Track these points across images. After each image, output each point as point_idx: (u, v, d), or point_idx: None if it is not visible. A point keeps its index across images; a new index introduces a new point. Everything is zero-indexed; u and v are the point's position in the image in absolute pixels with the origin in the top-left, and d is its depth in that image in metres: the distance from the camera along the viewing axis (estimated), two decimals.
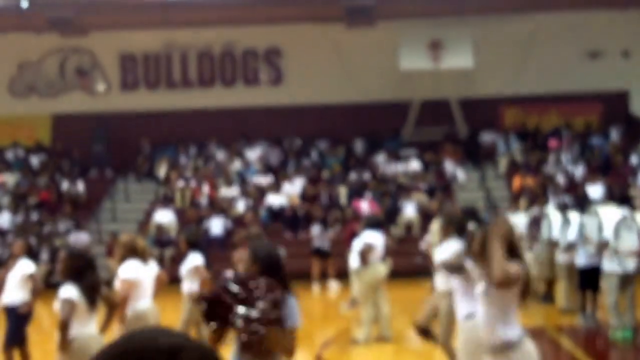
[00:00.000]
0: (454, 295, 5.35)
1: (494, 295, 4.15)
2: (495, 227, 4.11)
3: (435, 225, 12.40)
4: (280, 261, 4.00)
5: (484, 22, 19.95)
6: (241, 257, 4.14)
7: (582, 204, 11.01)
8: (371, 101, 20.70)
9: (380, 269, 9.50)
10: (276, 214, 17.63)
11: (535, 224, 12.23)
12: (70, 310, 5.02)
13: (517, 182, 18.00)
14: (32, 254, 15.03)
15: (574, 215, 10.44)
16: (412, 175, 18.97)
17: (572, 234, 10.09)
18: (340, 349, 9.31)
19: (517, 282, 4.04)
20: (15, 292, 7.54)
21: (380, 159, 19.82)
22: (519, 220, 12.91)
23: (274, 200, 18.18)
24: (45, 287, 12.39)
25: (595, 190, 16.23)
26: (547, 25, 20.43)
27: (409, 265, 15.29)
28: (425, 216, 16.32)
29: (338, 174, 19.46)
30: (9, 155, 21.58)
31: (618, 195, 15.61)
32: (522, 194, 16.77)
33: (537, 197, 15.57)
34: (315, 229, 16.27)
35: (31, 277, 7.68)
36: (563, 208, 11.68)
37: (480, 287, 4.33)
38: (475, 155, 20.06)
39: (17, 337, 7.49)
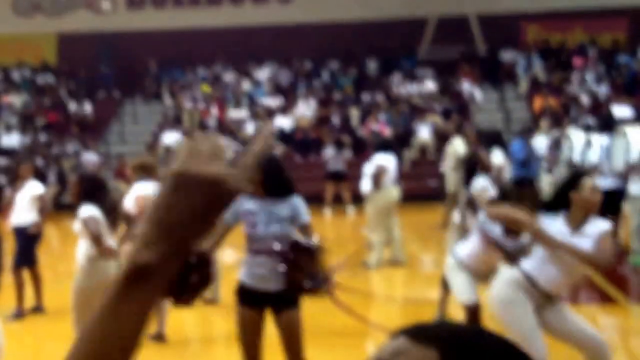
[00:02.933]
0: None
1: None
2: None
3: (452, 149, 12.10)
4: (280, 164, 4.17)
5: None
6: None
7: (607, 124, 10.47)
8: (385, 18, 19.87)
9: (393, 192, 9.27)
10: (286, 137, 17.15)
11: (556, 146, 11.78)
12: (97, 225, 4.96)
13: (538, 102, 17.35)
14: (40, 176, 14.82)
15: (597, 137, 9.98)
16: (427, 96, 18.33)
17: (594, 156, 9.69)
18: (351, 273, 9.12)
19: None
20: (25, 213, 7.49)
21: (394, 79, 19.14)
22: (540, 143, 12.44)
23: (284, 122, 17.67)
24: (53, 208, 12.24)
25: (622, 111, 15.58)
26: None
27: (423, 189, 14.91)
28: (441, 138, 15.80)
29: (350, 95, 18.84)
30: (15, 75, 21.22)
31: None
32: (544, 115, 16.15)
33: (560, 119, 14.98)
34: (329, 151, 15.74)
35: (40, 197, 7.61)
36: (586, 129, 11.16)
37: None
38: (495, 75, 19.34)
39: (27, 258, 7.46)
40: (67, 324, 5.06)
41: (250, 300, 4.03)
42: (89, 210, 5.01)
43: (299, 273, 3.82)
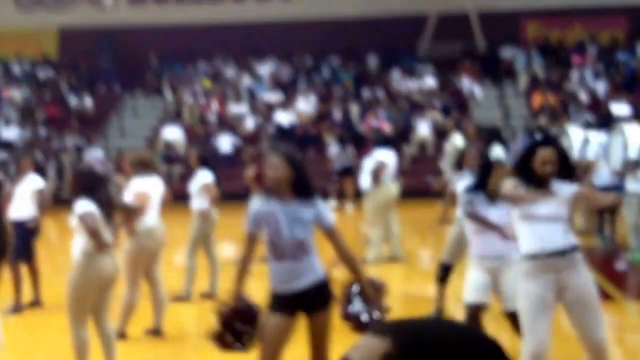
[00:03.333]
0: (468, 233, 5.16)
1: None
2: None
3: (451, 145, 12.12)
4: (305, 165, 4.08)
5: None
6: (273, 164, 3.96)
7: (606, 122, 10.49)
8: (386, 14, 19.87)
9: (392, 188, 9.30)
10: (285, 132, 17.17)
11: None
12: (94, 220, 4.94)
13: (537, 99, 17.37)
14: (39, 170, 14.77)
15: (595, 134, 10.00)
16: (427, 93, 18.35)
17: (592, 153, 9.70)
18: None
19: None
20: (24, 207, 7.51)
21: (395, 75, 19.16)
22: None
23: (283, 118, 17.69)
24: (52, 203, 12.29)
25: (620, 108, 15.60)
26: None
27: (422, 185, 14.94)
28: (440, 135, 15.84)
29: (350, 90, 18.85)
30: (15, 68, 21.23)
31: None
32: (542, 112, 16.17)
33: (558, 115, 14.99)
34: (334, 149, 15.74)
35: (39, 192, 7.62)
36: (584, 126, 11.17)
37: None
38: (494, 72, 19.37)
39: (25, 252, 7.47)
40: (64, 318, 5.09)
41: (285, 305, 3.88)
42: (85, 206, 5.00)
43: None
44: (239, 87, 19.20)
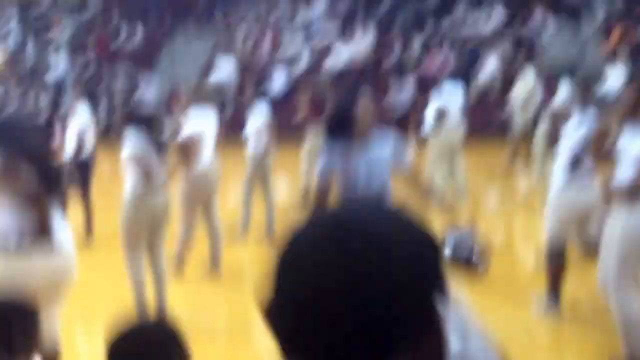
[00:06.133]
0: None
1: None
2: None
3: (520, 83, 11.53)
4: None
5: None
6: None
7: None
8: None
9: (455, 133, 8.82)
10: (342, 68, 16.48)
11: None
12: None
13: (616, 34, 16.13)
14: (93, 104, 14.69)
15: None
16: (495, 26, 17.32)
17: None
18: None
19: None
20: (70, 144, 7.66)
21: (460, 7, 18.09)
22: (617, 73, 11.58)
23: (340, 54, 16.96)
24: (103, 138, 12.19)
25: None
26: None
27: (490, 123, 14.23)
28: (508, 70, 15.01)
29: (413, 23, 17.93)
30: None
31: None
32: (621, 44, 15.03)
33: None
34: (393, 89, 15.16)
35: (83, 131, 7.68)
36: None
37: None
38: (570, 4, 17.98)
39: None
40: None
41: None
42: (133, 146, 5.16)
43: None
44: (294, 22, 18.51)
